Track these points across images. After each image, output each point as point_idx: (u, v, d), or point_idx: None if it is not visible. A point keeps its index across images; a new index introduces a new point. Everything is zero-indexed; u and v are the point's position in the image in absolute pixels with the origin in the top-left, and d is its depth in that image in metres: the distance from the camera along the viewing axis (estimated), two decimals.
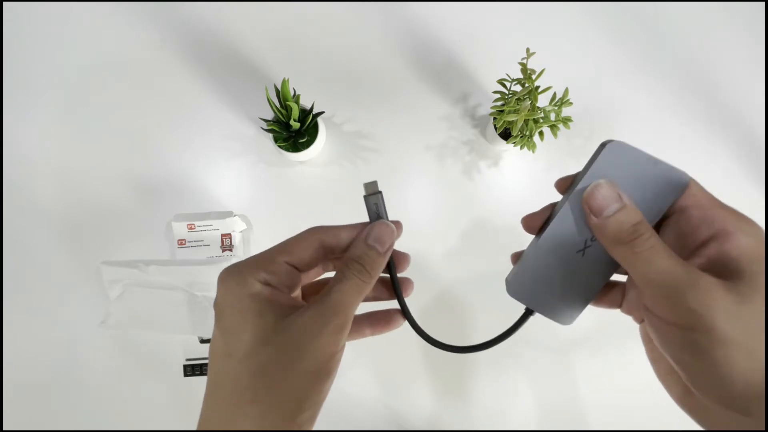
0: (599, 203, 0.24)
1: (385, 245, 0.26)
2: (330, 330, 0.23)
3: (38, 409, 0.59)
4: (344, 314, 0.24)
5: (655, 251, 0.22)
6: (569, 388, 0.59)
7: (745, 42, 0.62)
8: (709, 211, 0.23)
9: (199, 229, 0.57)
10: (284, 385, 0.22)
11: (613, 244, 0.23)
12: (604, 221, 0.23)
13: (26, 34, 0.61)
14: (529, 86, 0.49)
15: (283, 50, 0.61)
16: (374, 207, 0.28)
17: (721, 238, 0.22)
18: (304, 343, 0.22)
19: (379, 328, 0.29)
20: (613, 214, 0.23)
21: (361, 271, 0.25)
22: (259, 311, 0.23)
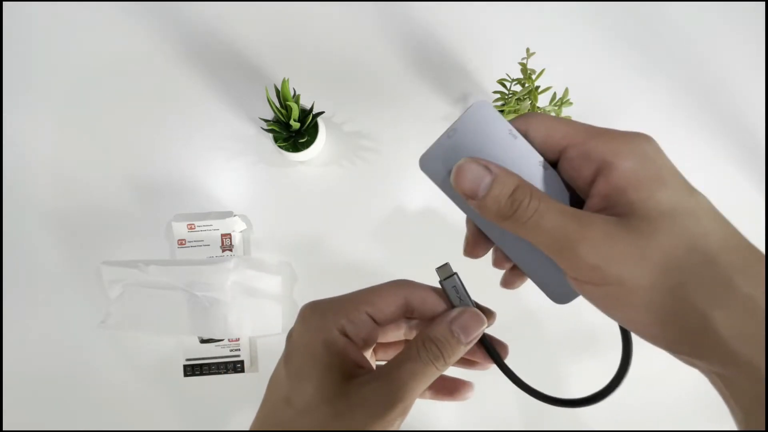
0: (470, 185, 0.21)
1: (469, 336, 0.24)
2: (389, 411, 0.22)
3: (38, 410, 0.59)
4: (409, 399, 0.22)
5: (540, 213, 0.20)
6: (569, 388, 0.59)
7: (745, 42, 0.62)
8: (585, 146, 0.21)
9: (199, 229, 0.58)
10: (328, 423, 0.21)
11: (500, 221, 0.21)
12: (481, 203, 0.21)
13: (26, 34, 0.61)
14: (529, 86, 0.49)
15: (283, 50, 0.61)
16: (453, 291, 0.26)
17: (604, 170, 0.20)
18: (361, 417, 0.21)
19: (442, 396, 0.28)
20: (487, 191, 0.21)
21: (438, 357, 0.23)
22: (329, 364, 0.22)
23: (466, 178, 0.21)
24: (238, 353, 0.58)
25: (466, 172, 0.21)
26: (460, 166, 0.22)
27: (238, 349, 0.58)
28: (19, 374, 0.59)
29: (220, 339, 0.57)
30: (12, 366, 0.59)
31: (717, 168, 0.60)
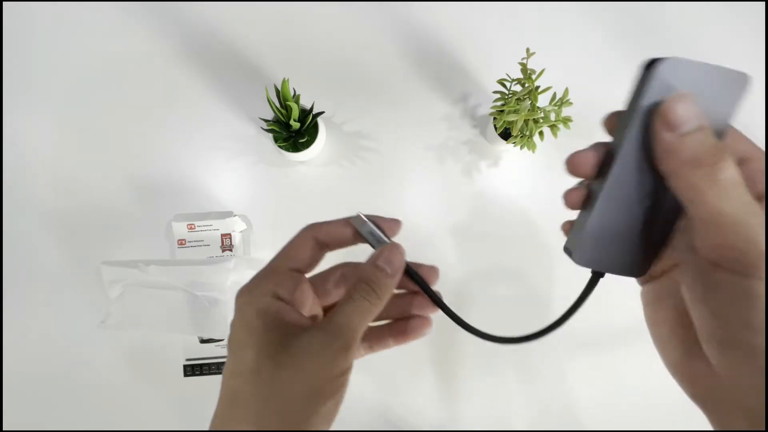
0: (678, 115, 0.20)
1: (394, 266, 0.26)
2: (332, 352, 0.23)
3: (38, 409, 0.59)
4: (348, 336, 0.23)
5: (737, 184, 0.19)
6: (569, 388, 0.59)
7: (745, 42, 0.62)
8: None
9: (199, 229, 0.57)
10: (282, 404, 0.22)
11: (689, 166, 0.19)
12: (680, 138, 0.20)
13: (26, 34, 0.61)
14: (529, 86, 0.49)
15: (283, 50, 0.61)
16: (371, 236, 0.27)
17: None
18: (304, 364, 0.23)
19: (402, 338, 0.29)
20: (691, 131, 0.19)
21: (369, 293, 0.25)
22: (265, 329, 0.23)
23: (681, 107, 0.20)
24: None
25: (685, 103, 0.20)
26: (683, 96, 0.20)
27: None
28: (19, 374, 0.59)
29: (220, 339, 0.57)
30: (12, 366, 0.59)
31: None
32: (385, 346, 0.29)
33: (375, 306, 0.25)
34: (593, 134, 0.64)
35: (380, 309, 0.25)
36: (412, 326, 0.29)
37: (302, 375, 0.22)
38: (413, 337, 0.29)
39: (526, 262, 0.59)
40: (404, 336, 0.29)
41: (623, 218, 0.24)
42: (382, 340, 0.29)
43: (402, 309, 0.30)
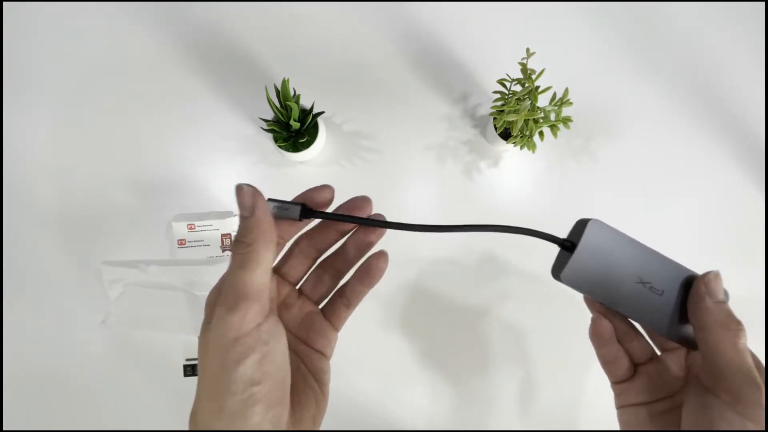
0: (717, 288, 0.27)
1: (245, 206, 0.24)
2: (217, 318, 0.23)
3: (38, 409, 0.59)
4: (231, 296, 0.23)
5: (747, 350, 0.26)
6: (569, 388, 0.59)
7: (745, 42, 0.62)
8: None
9: (199, 229, 0.57)
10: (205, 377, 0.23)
11: (719, 327, 0.26)
12: (717, 305, 0.27)
13: (26, 34, 0.61)
14: (529, 86, 0.49)
15: (283, 50, 0.61)
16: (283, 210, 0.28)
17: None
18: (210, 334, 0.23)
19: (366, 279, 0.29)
20: (723, 301, 0.27)
21: (237, 245, 0.24)
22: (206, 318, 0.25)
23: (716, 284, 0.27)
24: None
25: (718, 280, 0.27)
26: (718, 274, 0.28)
27: None
28: (19, 374, 0.59)
29: None
30: (12, 366, 0.59)
31: (717, 167, 0.60)
32: (360, 295, 0.30)
33: (249, 253, 0.23)
34: (593, 134, 0.65)
35: (261, 254, 0.23)
36: (368, 266, 0.29)
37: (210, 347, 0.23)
38: (375, 272, 0.29)
39: (526, 262, 0.59)
40: (367, 276, 0.29)
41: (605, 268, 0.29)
42: (355, 290, 0.30)
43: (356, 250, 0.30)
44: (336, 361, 0.28)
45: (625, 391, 0.30)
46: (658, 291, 0.28)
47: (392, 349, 0.59)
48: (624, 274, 0.28)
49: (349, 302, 0.30)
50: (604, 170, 0.60)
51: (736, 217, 0.60)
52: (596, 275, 0.28)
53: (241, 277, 0.23)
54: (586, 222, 0.29)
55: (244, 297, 0.23)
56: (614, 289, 0.28)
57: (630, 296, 0.28)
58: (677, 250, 0.60)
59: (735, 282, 0.59)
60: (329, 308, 0.30)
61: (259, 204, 0.24)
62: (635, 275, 0.28)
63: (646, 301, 0.28)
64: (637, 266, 0.28)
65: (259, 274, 0.23)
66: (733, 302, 0.28)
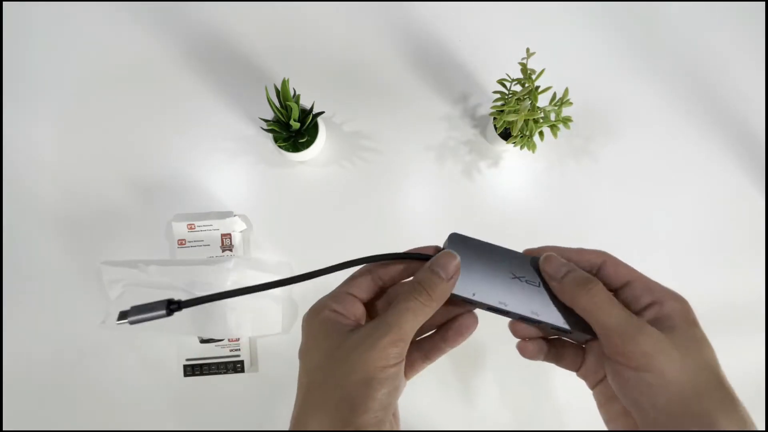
0: (554, 268, 0.29)
1: (448, 271, 0.28)
2: (380, 344, 0.25)
3: (38, 409, 0.59)
4: (397, 332, 0.26)
5: (611, 301, 0.27)
6: (568, 388, 0.59)
7: (745, 42, 0.62)
8: (649, 283, 0.28)
9: (199, 229, 0.57)
10: (338, 392, 0.25)
11: (575, 296, 0.27)
12: (561, 282, 0.28)
13: (26, 35, 0.61)
14: (529, 86, 0.49)
15: (283, 50, 0.61)
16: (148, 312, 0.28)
17: (658, 303, 0.27)
18: (355, 355, 0.25)
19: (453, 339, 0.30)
20: (565, 273, 0.28)
21: (421, 293, 0.27)
22: (326, 333, 0.27)
23: (552, 264, 0.29)
24: (238, 353, 0.58)
25: (551, 261, 0.29)
26: (547, 256, 0.29)
27: (238, 349, 0.58)
28: (19, 374, 0.59)
29: (220, 339, 0.57)
30: (12, 366, 0.59)
31: (717, 167, 0.60)
32: (440, 352, 0.31)
33: (425, 306, 0.27)
34: (593, 134, 0.65)
35: (431, 310, 0.27)
36: (458, 325, 0.30)
37: (357, 366, 0.25)
38: (462, 334, 0.30)
39: None
40: (455, 336, 0.30)
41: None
42: (436, 346, 0.31)
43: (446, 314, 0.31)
44: None
45: (584, 376, 0.32)
46: (534, 283, 0.30)
47: None
48: (497, 271, 0.30)
49: (428, 356, 0.31)
50: (604, 170, 0.60)
51: (736, 217, 0.60)
52: (473, 277, 0.29)
53: (411, 321, 0.26)
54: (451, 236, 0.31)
55: (405, 339, 0.26)
56: (496, 287, 0.29)
57: (513, 292, 0.29)
58: (677, 250, 0.60)
59: (735, 282, 0.60)
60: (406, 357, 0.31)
61: (455, 278, 0.28)
62: (508, 272, 0.30)
63: (531, 295, 0.29)
64: (506, 264, 0.30)
65: (417, 325, 0.27)
66: (733, 302, 0.28)
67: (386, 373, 0.25)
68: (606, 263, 0.30)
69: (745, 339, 0.58)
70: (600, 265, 0.30)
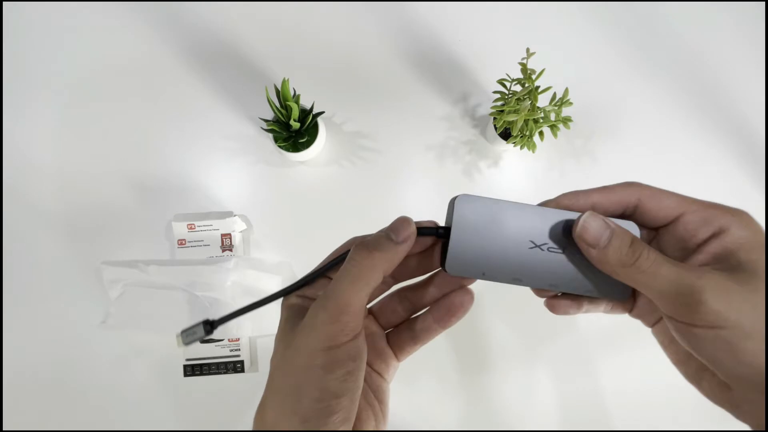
0: (594, 234, 0.24)
1: (399, 234, 0.24)
2: (317, 323, 0.23)
3: (38, 409, 0.59)
4: (334, 306, 0.23)
5: (659, 263, 0.23)
6: (572, 388, 0.59)
7: (745, 42, 0.62)
8: (706, 212, 0.24)
9: (199, 229, 0.58)
10: (287, 379, 0.24)
11: (620, 268, 0.23)
12: (603, 252, 0.24)
13: (26, 34, 0.61)
14: (529, 86, 0.49)
15: (283, 50, 0.61)
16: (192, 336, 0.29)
17: (720, 234, 0.23)
18: (299, 339, 0.23)
19: (445, 318, 0.28)
20: (608, 242, 0.24)
21: (359, 251, 0.24)
22: (287, 317, 0.26)
23: (589, 230, 0.24)
24: (238, 353, 0.58)
25: (590, 226, 0.24)
26: (585, 220, 0.24)
27: (238, 349, 0.58)
28: (19, 374, 0.59)
29: (220, 339, 0.57)
30: (12, 366, 0.59)
31: (717, 167, 0.60)
32: (431, 333, 0.28)
33: (366, 267, 0.23)
34: (593, 134, 0.65)
35: (375, 271, 0.23)
36: (450, 303, 0.27)
37: (300, 349, 0.23)
38: (455, 314, 0.27)
39: None
40: (447, 316, 0.27)
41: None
42: (427, 327, 0.28)
43: (439, 289, 0.28)
44: None
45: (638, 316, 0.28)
46: (558, 250, 0.25)
47: None
48: (513, 242, 0.25)
49: (418, 338, 0.28)
50: (604, 170, 0.60)
51: None
52: (483, 254, 0.25)
53: (348, 290, 0.23)
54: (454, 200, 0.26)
55: (347, 311, 0.23)
56: (511, 263, 0.25)
57: (532, 265, 0.25)
58: None
59: None
60: (395, 336, 0.29)
61: (410, 242, 0.24)
62: (526, 240, 0.25)
63: (553, 266, 0.25)
64: (524, 230, 0.25)
65: (365, 293, 0.23)
66: None
67: (332, 356, 0.22)
68: (642, 200, 0.25)
69: None
70: (635, 202, 0.25)
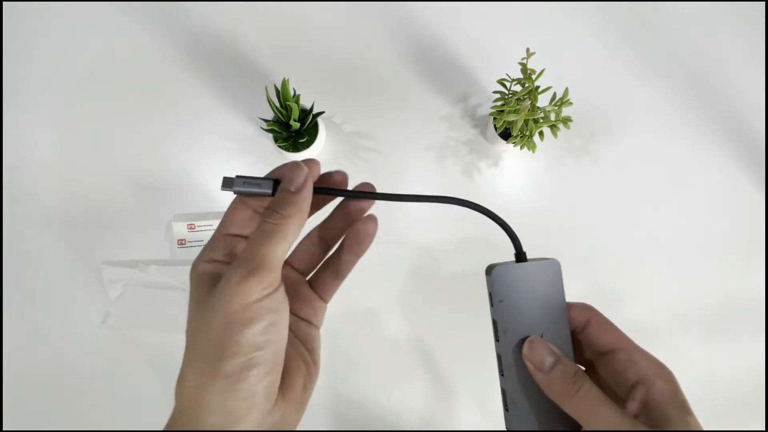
0: (538, 356, 0.26)
1: (294, 182, 0.25)
2: (234, 280, 0.23)
3: (38, 409, 0.59)
4: (250, 263, 0.23)
5: (599, 402, 0.24)
6: None
7: (745, 42, 0.62)
8: (635, 355, 0.26)
9: (199, 229, 0.58)
10: (202, 339, 0.23)
11: (562, 397, 0.25)
12: (548, 375, 0.26)
13: (26, 34, 0.61)
14: (529, 86, 0.49)
15: (283, 50, 0.61)
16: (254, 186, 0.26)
17: (644, 384, 0.25)
18: (215, 298, 0.23)
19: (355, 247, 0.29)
20: (552, 365, 0.26)
21: (270, 213, 0.24)
22: (197, 286, 0.25)
23: (536, 353, 0.26)
24: None
25: (535, 348, 0.26)
26: (533, 340, 0.27)
27: None
28: (19, 374, 0.59)
29: None
30: (12, 366, 0.59)
31: (717, 168, 0.60)
32: (348, 265, 0.29)
33: (281, 225, 0.24)
34: (593, 134, 0.65)
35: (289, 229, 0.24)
36: (356, 232, 0.29)
37: (217, 309, 0.23)
38: (363, 241, 0.29)
39: None
40: (356, 245, 0.29)
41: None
42: (343, 261, 0.29)
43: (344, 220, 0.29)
44: (334, 361, 0.28)
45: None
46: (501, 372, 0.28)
47: (389, 347, 0.59)
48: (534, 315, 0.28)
49: (338, 273, 0.30)
50: (604, 170, 0.60)
51: (736, 217, 0.60)
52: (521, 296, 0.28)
53: (265, 245, 0.23)
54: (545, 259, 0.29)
55: (264, 266, 0.23)
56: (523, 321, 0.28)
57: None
58: (677, 249, 0.60)
59: (735, 282, 0.59)
60: (317, 279, 0.30)
61: (308, 185, 0.25)
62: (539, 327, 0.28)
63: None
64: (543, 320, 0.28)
65: (283, 247, 0.24)
66: (733, 302, 0.27)
67: (251, 311, 0.23)
68: (591, 323, 0.28)
69: (746, 339, 0.58)
70: (584, 324, 0.28)
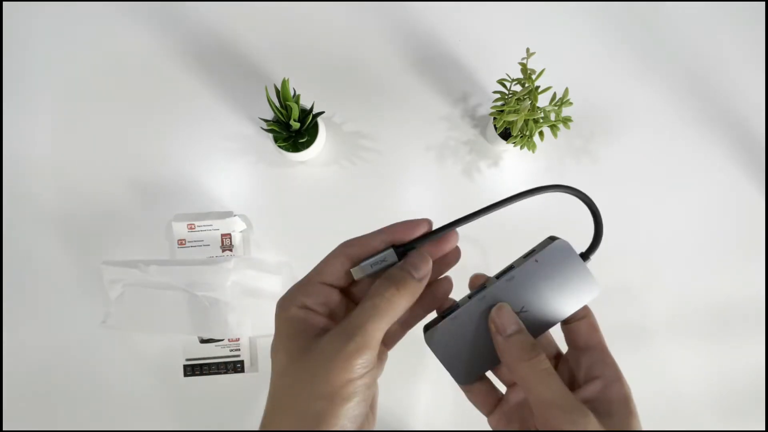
0: (503, 322, 0.27)
1: (419, 271, 0.26)
2: (344, 355, 0.23)
3: (38, 409, 0.59)
4: (361, 339, 0.23)
5: (551, 375, 0.26)
6: None
7: (745, 42, 0.62)
8: (606, 358, 0.28)
9: (199, 229, 0.57)
10: (301, 406, 0.23)
11: (516, 360, 0.26)
12: (507, 340, 0.27)
13: (26, 34, 0.61)
14: (529, 86, 0.49)
15: (283, 50, 0.61)
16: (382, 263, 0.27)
17: (603, 381, 0.27)
18: (319, 368, 0.23)
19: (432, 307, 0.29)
20: (513, 333, 0.27)
21: (388, 287, 0.25)
22: (292, 334, 0.25)
23: (504, 315, 0.27)
24: (238, 353, 0.58)
25: (505, 312, 0.28)
26: (502, 306, 0.28)
27: (238, 349, 0.58)
28: (19, 374, 0.59)
29: (220, 339, 0.57)
30: (12, 366, 0.59)
31: (717, 168, 0.60)
32: (417, 319, 0.30)
33: (393, 304, 0.25)
34: (593, 134, 0.65)
35: (399, 309, 0.25)
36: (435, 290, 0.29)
37: (320, 376, 0.23)
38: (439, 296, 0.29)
39: None
40: (431, 303, 0.29)
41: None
42: (413, 314, 0.29)
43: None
44: None
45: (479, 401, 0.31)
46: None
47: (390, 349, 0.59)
48: (538, 303, 0.29)
49: (407, 324, 0.30)
50: (604, 170, 0.60)
51: (736, 217, 0.60)
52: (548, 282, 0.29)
53: (375, 323, 0.24)
54: (553, 239, 0.30)
55: (371, 345, 0.24)
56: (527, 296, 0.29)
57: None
58: (677, 249, 0.60)
59: (735, 282, 0.59)
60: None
61: (426, 278, 0.26)
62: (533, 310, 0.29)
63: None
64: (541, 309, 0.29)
65: (388, 325, 0.25)
66: (733, 302, 0.27)
67: (353, 386, 0.23)
68: (584, 321, 0.29)
69: (746, 339, 0.58)
70: (579, 318, 0.29)
